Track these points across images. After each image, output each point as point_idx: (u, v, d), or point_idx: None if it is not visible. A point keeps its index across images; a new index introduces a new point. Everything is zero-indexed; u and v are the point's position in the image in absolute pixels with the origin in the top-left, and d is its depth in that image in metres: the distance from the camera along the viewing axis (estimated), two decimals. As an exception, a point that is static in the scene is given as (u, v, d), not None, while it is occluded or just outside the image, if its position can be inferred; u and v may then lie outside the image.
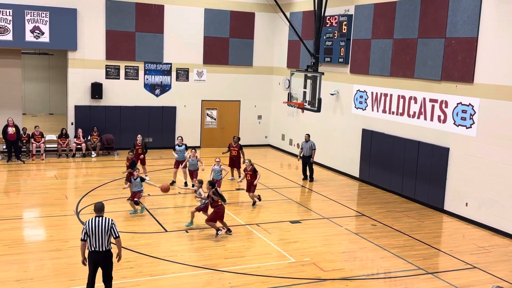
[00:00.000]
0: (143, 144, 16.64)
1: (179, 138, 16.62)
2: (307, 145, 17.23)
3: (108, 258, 8.16)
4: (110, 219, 8.08)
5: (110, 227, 8.01)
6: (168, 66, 21.51)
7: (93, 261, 8.08)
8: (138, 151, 16.37)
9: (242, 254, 10.95)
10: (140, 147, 16.47)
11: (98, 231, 7.95)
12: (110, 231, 8.01)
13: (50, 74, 29.14)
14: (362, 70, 17.51)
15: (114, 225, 8.08)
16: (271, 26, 22.79)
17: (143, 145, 16.59)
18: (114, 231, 8.05)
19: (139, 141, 16.55)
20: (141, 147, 16.49)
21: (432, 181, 14.74)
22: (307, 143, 17.25)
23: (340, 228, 12.93)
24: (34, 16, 19.08)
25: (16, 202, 14.06)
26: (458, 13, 13.84)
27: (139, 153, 16.38)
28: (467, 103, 13.69)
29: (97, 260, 8.07)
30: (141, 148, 16.46)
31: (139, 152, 16.39)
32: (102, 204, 8.25)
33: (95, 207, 8.18)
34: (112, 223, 8.06)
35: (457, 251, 11.59)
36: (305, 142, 17.32)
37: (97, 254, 8.04)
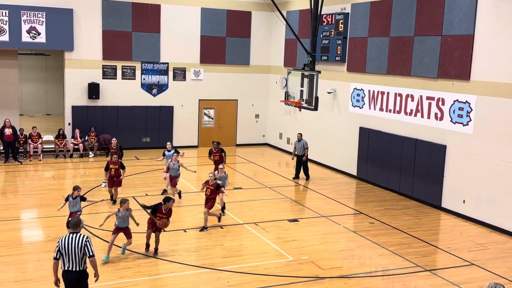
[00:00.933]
0: (118, 147, 16.31)
1: (168, 144, 16.17)
2: (300, 144, 17.21)
3: (82, 279, 7.41)
4: (85, 236, 7.33)
5: (83, 245, 7.26)
6: (165, 65, 21.50)
7: (66, 282, 7.36)
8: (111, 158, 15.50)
9: (240, 253, 10.96)
10: (115, 150, 15.86)
11: (70, 249, 7.23)
12: (84, 249, 7.25)
13: (47, 75, 29.10)
14: (359, 68, 17.52)
15: (88, 242, 7.32)
16: (267, 25, 22.79)
17: (118, 148, 16.15)
18: (88, 250, 7.29)
19: (113, 145, 16.34)
20: (116, 150, 15.71)
21: (429, 178, 14.76)
22: (300, 142, 17.22)
23: (338, 226, 12.95)
24: (31, 17, 19.05)
25: (14, 203, 14.04)
26: (454, 11, 13.86)
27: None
28: (464, 100, 13.72)
29: (70, 281, 7.33)
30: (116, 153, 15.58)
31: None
32: (78, 219, 7.64)
33: (70, 222, 7.52)
34: (86, 240, 7.30)
35: (454, 248, 11.62)
36: (297, 142, 17.31)
37: (71, 275, 7.30)
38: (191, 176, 17.46)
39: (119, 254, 10.51)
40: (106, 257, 10.19)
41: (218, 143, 16.32)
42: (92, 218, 12.79)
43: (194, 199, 14.66)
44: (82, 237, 7.30)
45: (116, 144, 16.51)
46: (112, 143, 16.55)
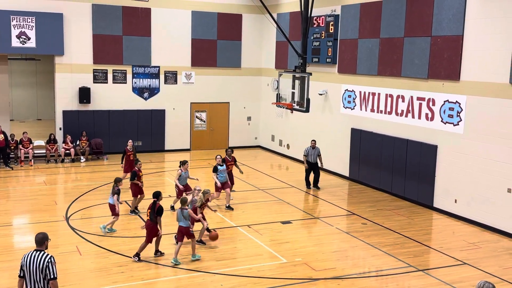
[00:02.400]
0: (134, 149, 15.97)
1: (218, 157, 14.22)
2: (315, 152, 16.27)
3: None
4: (48, 256, 6.50)
5: (45, 266, 6.44)
6: (156, 69, 21.47)
7: None
8: (130, 157, 15.51)
9: (233, 255, 10.95)
10: (132, 152, 15.70)
11: (32, 269, 6.48)
12: (45, 270, 6.44)
13: (37, 80, 28.96)
14: (349, 69, 17.59)
15: (51, 263, 6.47)
16: (258, 28, 22.83)
17: (134, 150, 15.91)
18: (49, 271, 6.44)
19: (129, 146, 15.81)
20: (133, 152, 15.73)
21: (421, 178, 14.84)
22: (314, 150, 16.26)
23: (331, 227, 12.98)
24: (20, 22, 18.96)
25: (5, 208, 13.95)
26: (443, 12, 13.95)
27: (131, 159, 15.42)
28: (454, 100, 13.81)
29: None
30: (133, 154, 15.63)
31: (131, 159, 15.41)
32: (43, 235, 6.67)
33: (35, 238, 6.67)
34: (48, 260, 6.47)
35: (447, 247, 11.68)
36: (311, 149, 16.30)
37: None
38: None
39: (112, 259, 10.46)
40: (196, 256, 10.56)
41: (232, 150, 15.16)
42: (84, 223, 12.74)
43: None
44: (44, 256, 6.49)
45: (132, 146, 15.90)
46: (128, 145, 15.77)
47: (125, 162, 15.72)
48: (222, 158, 14.26)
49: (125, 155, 15.72)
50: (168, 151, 22.00)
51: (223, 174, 14.07)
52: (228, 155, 14.76)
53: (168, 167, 19.51)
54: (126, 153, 15.68)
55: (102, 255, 10.70)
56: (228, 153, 14.81)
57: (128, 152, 15.67)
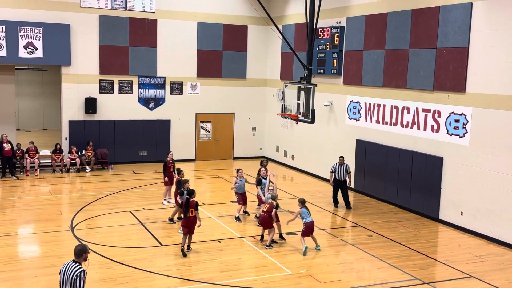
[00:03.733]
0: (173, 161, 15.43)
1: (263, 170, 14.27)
2: (343, 168, 15.53)
3: None
4: (79, 269, 6.56)
5: (73, 278, 6.51)
6: (161, 79, 21.57)
7: None
8: (170, 169, 15.06)
9: (238, 267, 10.92)
10: (172, 164, 15.20)
11: (64, 278, 6.64)
12: (73, 283, 6.50)
13: (44, 90, 29.13)
14: (355, 81, 17.61)
15: (79, 277, 6.50)
16: (264, 39, 22.93)
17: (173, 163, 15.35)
18: (77, 284, 6.48)
19: (170, 158, 15.29)
20: (173, 164, 15.24)
21: (426, 190, 14.78)
22: (343, 167, 15.52)
23: (336, 239, 12.92)
24: (28, 32, 19.13)
25: (11, 218, 13.98)
26: (448, 24, 13.98)
27: (171, 171, 15.02)
28: (460, 112, 13.79)
29: None
30: (173, 166, 15.14)
31: (171, 170, 15.02)
32: (81, 247, 6.78)
33: (75, 249, 6.80)
34: (78, 274, 6.51)
35: (453, 260, 11.60)
36: (339, 165, 15.56)
37: None
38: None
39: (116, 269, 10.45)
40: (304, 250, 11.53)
41: (267, 160, 14.98)
42: (89, 233, 12.74)
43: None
44: (76, 269, 6.57)
45: (172, 158, 15.46)
46: (169, 157, 15.33)
47: (167, 174, 15.13)
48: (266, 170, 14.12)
49: (166, 167, 15.17)
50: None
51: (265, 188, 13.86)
52: (264, 166, 14.55)
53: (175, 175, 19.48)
54: (167, 165, 15.16)
55: (106, 265, 10.69)
56: (264, 165, 14.64)
57: (169, 164, 15.17)
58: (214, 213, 14.45)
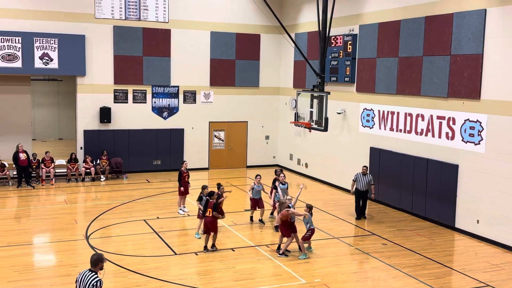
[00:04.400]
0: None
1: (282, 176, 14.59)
2: (366, 179, 15.16)
3: None
4: (95, 278, 6.63)
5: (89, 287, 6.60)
6: (175, 89, 21.70)
7: None
8: (185, 179, 15.16)
9: (252, 276, 10.89)
10: (187, 174, 15.31)
11: (81, 287, 6.72)
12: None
13: (59, 100, 29.47)
14: (368, 88, 17.56)
15: (96, 287, 6.59)
16: (276, 47, 22.98)
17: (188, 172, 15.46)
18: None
19: (184, 168, 15.31)
20: (188, 174, 15.36)
21: (442, 198, 14.64)
22: (365, 177, 15.17)
23: (350, 247, 12.84)
24: (43, 43, 19.39)
25: (26, 227, 14.11)
26: (462, 30, 13.90)
27: (186, 180, 15.16)
28: (475, 119, 13.67)
29: None
30: (187, 175, 15.27)
31: (186, 180, 15.17)
32: (96, 257, 6.85)
33: (91, 258, 6.87)
34: (93, 283, 6.58)
35: (469, 269, 11.46)
36: (362, 175, 15.20)
37: None
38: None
39: (131, 278, 10.48)
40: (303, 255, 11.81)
41: (281, 170, 15.06)
42: (104, 242, 12.80)
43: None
44: (92, 279, 6.64)
45: (186, 167, 15.49)
46: (183, 166, 15.35)
47: (182, 184, 15.18)
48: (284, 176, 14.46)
49: (181, 176, 15.18)
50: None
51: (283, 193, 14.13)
52: (277, 175, 14.67)
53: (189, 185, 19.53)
54: (181, 175, 15.17)
55: (121, 274, 10.73)
56: (278, 173, 14.72)
57: (183, 173, 15.18)
58: (227, 221, 14.45)
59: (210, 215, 12.05)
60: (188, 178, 15.29)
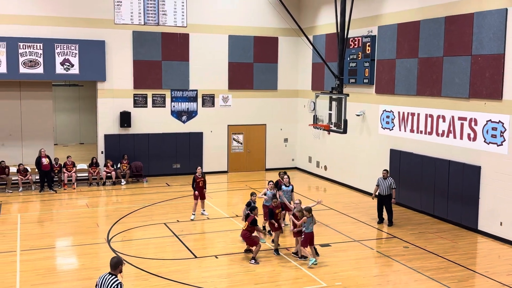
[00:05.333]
0: (203, 176, 15.36)
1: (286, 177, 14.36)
2: (386, 182, 14.84)
3: None
4: (116, 281, 6.64)
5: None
6: (194, 92, 21.81)
7: None
8: (200, 184, 15.11)
9: (272, 279, 10.86)
10: (202, 179, 15.20)
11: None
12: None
13: (80, 105, 29.84)
14: (387, 90, 17.43)
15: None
16: (294, 50, 22.96)
17: (204, 177, 15.32)
18: None
19: (198, 173, 15.20)
20: (203, 179, 15.24)
21: (464, 200, 14.44)
22: (386, 181, 14.83)
23: (371, 250, 12.74)
24: (64, 49, 19.66)
25: (49, 231, 14.30)
26: (483, 30, 13.72)
27: (200, 186, 15.10)
28: (497, 120, 13.46)
29: None
30: (202, 181, 15.21)
31: (201, 185, 15.12)
32: (116, 260, 6.85)
33: (110, 261, 6.87)
34: (114, 287, 6.59)
35: (493, 272, 11.27)
36: (382, 179, 14.87)
37: None
38: (222, 201, 17.58)
39: (152, 281, 10.55)
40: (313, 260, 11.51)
41: (285, 172, 14.81)
42: (125, 245, 12.91)
43: (226, 225, 14.66)
44: (113, 282, 6.65)
45: (201, 173, 15.36)
46: (198, 172, 15.25)
47: (196, 189, 15.14)
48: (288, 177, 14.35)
49: (195, 182, 15.14)
50: (206, 173, 22.12)
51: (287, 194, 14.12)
52: (281, 177, 14.45)
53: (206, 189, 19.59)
54: (195, 180, 15.13)
55: (142, 277, 10.80)
56: (281, 176, 14.50)
57: (197, 179, 15.12)
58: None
59: (244, 228, 11.89)
60: (203, 184, 15.21)
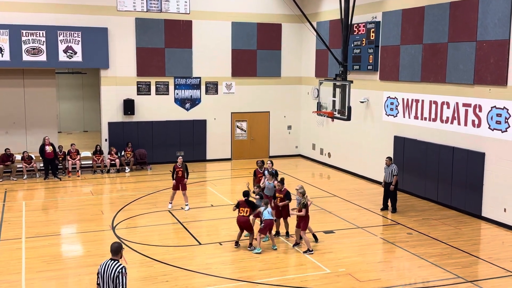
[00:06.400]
0: (183, 166, 14.88)
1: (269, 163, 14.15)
2: (388, 170, 14.75)
3: None
4: (120, 266, 6.73)
5: (116, 276, 6.66)
6: (197, 80, 21.76)
7: None
8: (179, 174, 14.71)
9: (276, 265, 10.92)
10: (181, 169, 14.77)
11: (106, 277, 6.74)
12: (115, 280, 6.66)
13: (84, 92, 29.85)
14: (392, 76, 17.35)
15: (121, 273, 6.67)
16: (298, 37, 22.83)
17: (184, 167, 14.86)
18: (119, 281, 6.64)
19: (179, 163, 14.82)
20: (182, 169, 14.81)
21: (468, 187, 14.43)
22: (389, 168, 14.73)
23: (375, 237, 12.77)
24: (67, 37, 19.61)
25: (54, 218, 14.38)
26: (488, 16, 13.60)
27: (180, 176, 14.68)
28: (502, 106, 13.40)
29: None
30: (181, 171, 14.77)
31: (180, 175, 14.69)
32: (117, 245, 6.91)
33: (110, 247, 6.91)
34: (119, 271, 6.67)
35: (496, 258, 11.29)
36: (386, 167, 14.80)
37: None
38: (226, 189, 17.61)
39: (157, 267, 10.62)
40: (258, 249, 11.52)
41: (262, 161, 14.32)
42: (130, 232, 12.98)
43: (230, 212, 14.69)
44: (117, 267, 6.72)
45: (181, 162, 14.90)
46: (178, 161, 14.87)
47: (176, 179, 14.79)
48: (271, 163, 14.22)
49: (174, 171, 14.82)
50: (209, 160, 22.22)
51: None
52: (259, 167, 14.14)
53: (209, 177, 19.66)
54: (175, 169, 14.79)
55: (147, 264, 10.87)
56: (259, 165, 14.14)
57: (177, 168, 14.76)
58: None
59: (246, 215, 11.64)
60: (182, 174, 14.72)
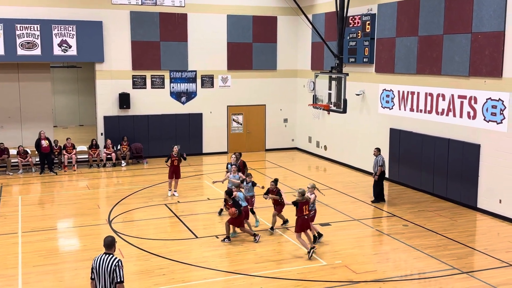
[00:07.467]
0: (179, 155, 15.57)
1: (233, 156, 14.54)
2: (374, 160, 14.98)
3: None
4: (116, 259, 6.74)
5: (113, 269, 6.67)
6: (193, 73, 21.71)
7: None
8: (174, 163, 15.40)
9: (273, 258, 10.95)
10: (177, 158, 15.46)
11: (101, 272, 6.72)
12: (112, 274, 6.67)
13: (79, 86, 29.76)
14: (387, 69, 17.35)
15: (118, 267, 6.68)
16: (293, 29, 22.79)
17: (179, 156, 15.56)
18: (116, 274, 6.66)
19: (175, 152, 15.46)
20: (178, 158, 15.51)
21: (464, 178, 14.48)
22: (376, 158, 14.93)
23: (371, 229, 12.81)
24: (61, 30, 19.52)
25: (50, 213, 14.36)
26: (483, 7, 13.60)
27: (175, 165, 15.41)
28: (497, 98, 13.43)
29: None
30: (177, 160, 15.48)
31: (175, 164, 15.41)
32: (111, 239, 6.92)
33: (104, 242, 6.91)
34: (116, 264, 6.69)
35: (492, 249, 11.36)
36: (375, 157, 15.04)
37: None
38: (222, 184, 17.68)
39: (153, 261, 10.64)
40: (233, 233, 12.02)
41: (240, 154, 14.81)
42: (126, 226, 12.98)
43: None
44: (113, 260, 6.72)
45: (177, 152, 15.55)
46: (174, 150, 15.49)
47: (170, 167, 15.46)
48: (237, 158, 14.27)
49: (169, 160, 15.43)
50: (205, 154, 22.21)
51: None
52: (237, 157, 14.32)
53: (206, 170, 19.66)
54: (170, 158, 15.41)
55: (143, 257, 10.89)
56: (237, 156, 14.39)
57: (172, 157, 15.38)
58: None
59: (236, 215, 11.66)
60: (177, 163, 15.41)
